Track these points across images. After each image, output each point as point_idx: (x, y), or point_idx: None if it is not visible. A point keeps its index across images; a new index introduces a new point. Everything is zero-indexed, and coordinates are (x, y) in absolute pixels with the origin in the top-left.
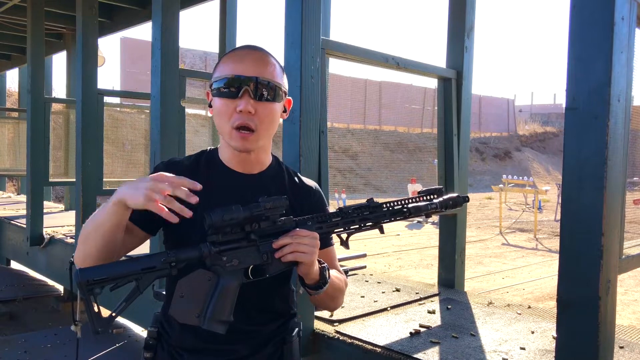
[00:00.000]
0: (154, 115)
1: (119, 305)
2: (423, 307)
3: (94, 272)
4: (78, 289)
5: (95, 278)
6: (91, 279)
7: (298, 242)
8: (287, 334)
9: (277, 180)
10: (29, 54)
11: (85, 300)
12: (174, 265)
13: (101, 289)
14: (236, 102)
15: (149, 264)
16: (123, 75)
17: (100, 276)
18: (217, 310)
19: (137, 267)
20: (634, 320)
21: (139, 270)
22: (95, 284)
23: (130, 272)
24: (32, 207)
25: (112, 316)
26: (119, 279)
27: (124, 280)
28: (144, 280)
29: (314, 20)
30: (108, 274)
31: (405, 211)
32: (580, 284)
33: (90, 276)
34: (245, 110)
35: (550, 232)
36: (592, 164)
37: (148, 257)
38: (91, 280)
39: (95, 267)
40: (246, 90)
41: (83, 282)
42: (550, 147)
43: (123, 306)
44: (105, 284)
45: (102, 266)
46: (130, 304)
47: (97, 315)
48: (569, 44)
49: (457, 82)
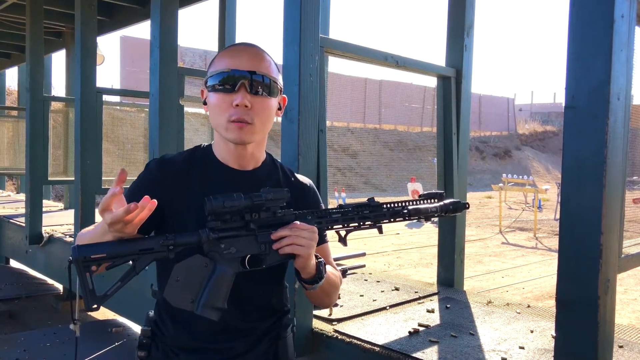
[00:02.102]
0: (153, 114)
1: (114, 285)
2: (422, 306)
3: (91, 249)
4: (74, 264)
5: (92, 255)
6: (88, 256)
7: (297, 235)
8: (281, 330)
9: (271, 177)
10: (28, 53)
11: (81, 277)
12: (171, 249)
13: (98, 266)
14: (232, 97)
15: (147, 245)
16: (123, 74)
17: (97, 253)
18: (211, 297)
19: (135, 248)
20: (634, 320)
21: (136, 250)
22: (91, 261)
23: (128, 252)
24: (31, 205)
25: (106, 294)
26: (116, 258)
27: (121, 260)
28: (141, 261)
29: (313, 18)
30: (105, 252)
31: (405, 213)
32: (580, 283)
33: (87, 253)
34: (241, 104)
35: (550, 231)
36: (592, 162)
37: (146, 239)
38: (88, 257)
39: (93, 245)
40: (242, 84)
41: (80, 258)
42: (550, 146)
43: (118, 285)
44: (101, 262)
45: (100, 244)
46: (131, 304)
47: (92, 292)
48: (569, 42)
49: (456, 81)
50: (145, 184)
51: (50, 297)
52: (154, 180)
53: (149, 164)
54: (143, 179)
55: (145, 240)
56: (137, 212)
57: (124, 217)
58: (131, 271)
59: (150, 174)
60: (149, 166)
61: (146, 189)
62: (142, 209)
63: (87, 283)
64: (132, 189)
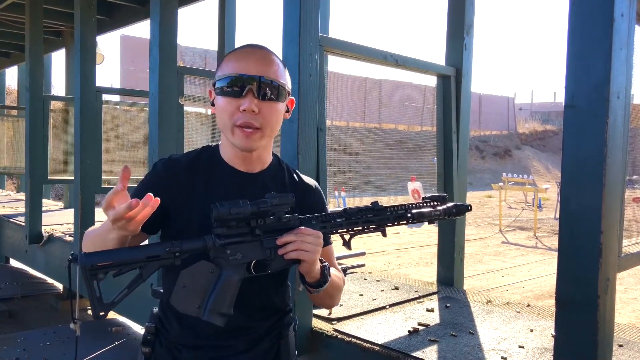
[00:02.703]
0: (152, 113)
1: (121, 292)
2: (422, 306)
3: (98, 257)
4: (82, 272)
5: (99, 263)
6: (95, 264)
7: (302, 240)
8: (283, 328)
9: (277, 179)
10: (28, 52)
11: (88, 285)
12: (177, 255)
13: (105, 274)
14: (239, 101)
15: (154, 252)
16: (123, 73)
17: (104, 261)
18: (217, 302)
19: (142, 255)
20: (634, 319)
21: (143, 258)
22: (99, 269)
23: (135, 260)
24: (30, 205)
25: (113, 302)
26: (123, 265)
27: (128, 268)
28: (147, 268)
29: (313, 17)
30: (112, 259)
31: (409, 216)
32: (579, 282)
33: (94, 261)
34: (248, 109)
35: (550, 231)
36: (591, 161)
37: (152, 246)
38: (95, 265)
39: (100, 252)
40: (250, 89)
41: (87, 267)
42: (550, 145)
43: (125, 292)
44: (109, 270)
45: (107, 252)
46: (131, 303)
47: (99, 300)
48: (568, 40)
49: (456, 80)
50: (151, 183)
51: (50, 296)
52: (159, 180)
53: (156, 164)
54: (149, 179)
55: (152, 247)
56: (139, 208)
57: (126, 213)
58: (138, 278)
59: (156, 174)
60: (156, 166)
61: (151, 189)
62: (144, 206)
63: (95, 291)
64: (138, 188)
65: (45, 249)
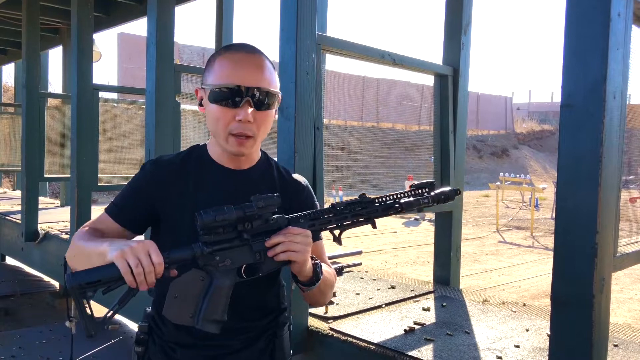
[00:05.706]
0: (149, 111)
1: (113, 307)
2: (418, 305)
3: (85, 275)
4: (70, 292)
5: (87, 281)
6: (83, 283)
7: (290, 241)
8: (278, 328)
9: (266, 175)
10: (24, 49)
11: (78, 304)
12: (166, 267)
13: (94, 292)
14: (235, 111)
15: None
16: (120, 71)
17: (92, 279)
18: (210, 310)
19: None
20: (630, 319)
21: None
22: (87, 287)
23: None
24: (26, 202)
25: (105, 318)
26: (112, 282)
27: (116, 284)
28: None
29: (310, 15)
30: (100, 277)
31: (398, 206)
32: (575, 282)
33: (82, 280)
34: (245, 120)
35: (547, 230)
36: (587, 161)
37: None
38: (83, 284)
39: (87, 271)
40: (247, 100)
41: (75, 286)
42: (547, 145)
43: (116, 308)
44: (97, 287)
45: (94, 269)
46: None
47: (90, 318)
48: (565, 40)
49: (453, 79)
50: (139, 184)
51: (46, 294)
52: (148, 181)
53: (145, 165)
54: (138, 180)
55: None
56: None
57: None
58: (129, 292)
59: (145, 175)
60: (144, 167)
61: (140, 190)
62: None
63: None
64: (127, 191)
65: (42, 246)
